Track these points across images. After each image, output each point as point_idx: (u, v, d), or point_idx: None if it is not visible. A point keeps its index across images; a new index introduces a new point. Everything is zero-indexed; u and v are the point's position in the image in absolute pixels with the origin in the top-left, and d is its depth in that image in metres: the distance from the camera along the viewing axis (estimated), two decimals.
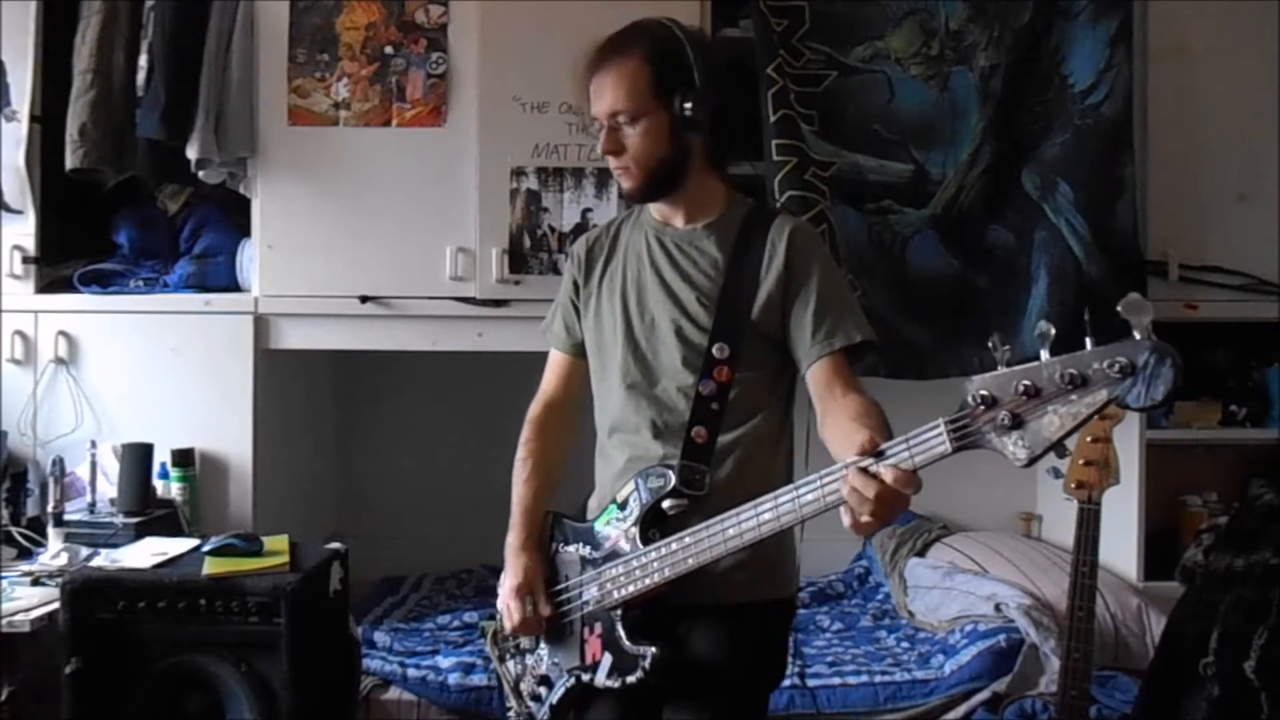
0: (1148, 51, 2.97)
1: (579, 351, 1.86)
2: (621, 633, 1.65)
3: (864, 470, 1.35)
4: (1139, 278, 2.91)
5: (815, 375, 1.66)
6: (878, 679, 2.66)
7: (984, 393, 1.27)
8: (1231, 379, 3.14)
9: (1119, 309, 1.20)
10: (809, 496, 1.45)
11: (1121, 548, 2.97)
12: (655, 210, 1.79)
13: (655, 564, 1.61)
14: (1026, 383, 1.24)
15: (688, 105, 1.67)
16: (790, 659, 2.78)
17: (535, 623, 1.75)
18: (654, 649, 1.62)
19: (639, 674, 1.62)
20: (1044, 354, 1.25)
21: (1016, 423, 1.25)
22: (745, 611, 1.70)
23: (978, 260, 2.95)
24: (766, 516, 1.49)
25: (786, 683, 2.64)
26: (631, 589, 1.64)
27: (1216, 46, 2.99)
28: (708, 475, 1.66)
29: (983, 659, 2.63)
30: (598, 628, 1.69)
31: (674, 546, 1.59)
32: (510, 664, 1.86)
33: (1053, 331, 1.26)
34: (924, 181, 2.95)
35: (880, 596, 3.30)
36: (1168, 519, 3.10)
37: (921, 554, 3.31)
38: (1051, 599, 2.78)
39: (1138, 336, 1.19)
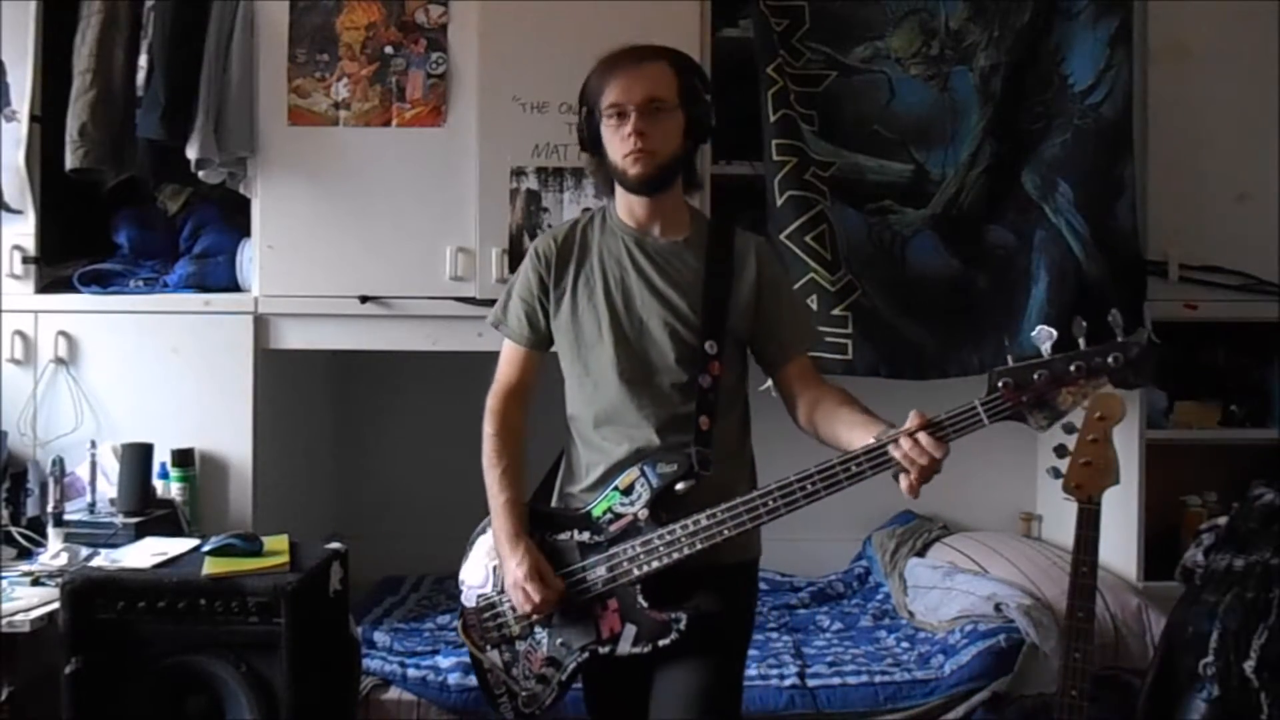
0: (1148, 51, 2.97)
1: (537, 344, 1.98)
2: (644, 603, 1.82)
3: (913, 437, 1.67)
4: (1139, 278, 2.90)
5: (790, 372, 1.94)
6: (878, 679, 2.66)
7: (1009, 380, 1.69)
8: (1231, 379, 3.13)
9: (1109, 320, 1.67)
10: (857, 468, 1.72)
11: (1121, 548, 2.97)
12: (628, 218, 1.92)
13: (684, 539, 1.80)
14: (1046, 373, 1.69)
15: (700, 114, 1.88)
16: (791, 658, 2.79)
17: (554, 599, 1.86)
18: (685, 614, 1.80)
19: (673, 635, 1.80)
20: (1045, 349, 1.68)
21: (1040, 402, 1.70)
22: (736, 570, 1.92)
23: (978, 260, 2.94)
24: (816, 485, 1.74)
25: (786, 682, 2.65)
26: (656, 564, 1.81)
27: (1216, 46, 2.99)
28: (711, 457, 1.85)
29: (983, 659, 2.63)
30: (612, 603, 1.85)
31: (704, 521, 1.79)
32: (494, 653, 1.96)
33: (1055, 335, 1.69)
34: (924, 181, 2.95)
35: (880, 596, 3.30)
36: (1168, 519, 3.10)
37: (921, 554, 3.32)
38: (1051, 599, 2.78)
39: (1120, 339, 1.67)
